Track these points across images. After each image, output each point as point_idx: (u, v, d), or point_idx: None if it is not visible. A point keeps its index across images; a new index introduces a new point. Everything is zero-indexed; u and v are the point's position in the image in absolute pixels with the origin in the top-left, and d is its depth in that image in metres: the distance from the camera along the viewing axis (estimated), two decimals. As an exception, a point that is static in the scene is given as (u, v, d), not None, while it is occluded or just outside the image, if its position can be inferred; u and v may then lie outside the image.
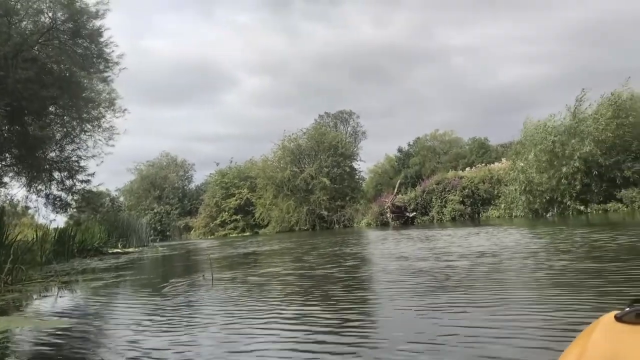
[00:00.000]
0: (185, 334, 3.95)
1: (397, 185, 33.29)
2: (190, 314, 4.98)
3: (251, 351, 3.28)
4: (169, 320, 4.69)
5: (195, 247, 23.64)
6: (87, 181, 21.06)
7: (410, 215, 28.85)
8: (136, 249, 23.34)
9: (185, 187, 61.08)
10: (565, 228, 12.82)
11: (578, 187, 20.36)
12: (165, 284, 7.60)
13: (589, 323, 1.05)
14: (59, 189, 20.84)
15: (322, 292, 5.64)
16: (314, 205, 37.37)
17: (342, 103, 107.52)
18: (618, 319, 0.98)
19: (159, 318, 4.90)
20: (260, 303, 5.26)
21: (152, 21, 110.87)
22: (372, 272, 7.43)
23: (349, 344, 3.23)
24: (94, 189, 22.22)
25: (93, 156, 20.98)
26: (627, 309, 0.99)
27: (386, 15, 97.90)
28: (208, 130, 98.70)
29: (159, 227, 55.34)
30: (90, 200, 22.19)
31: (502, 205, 24.74)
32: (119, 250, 21.28)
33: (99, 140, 21.04)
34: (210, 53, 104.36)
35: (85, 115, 19.95)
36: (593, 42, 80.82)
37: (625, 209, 19.44)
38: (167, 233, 55.88)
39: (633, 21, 67.66)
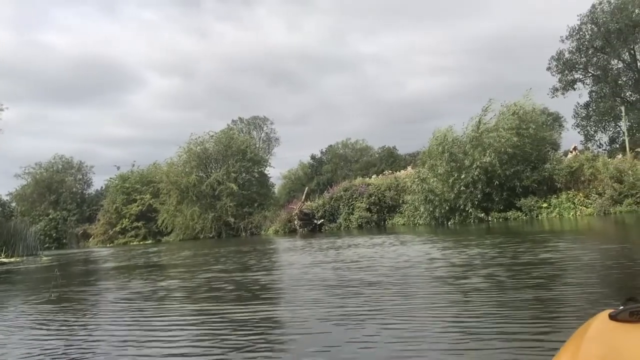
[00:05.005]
0: None
1: (305, 192, 32.75)
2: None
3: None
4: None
5: (85, 257, 21.99)
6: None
7: (318, 223, 28.44)
8: (19, 259, 22.16)
9: (84, 192, 57.29)
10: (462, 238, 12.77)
11: (479, 195, 20.78)
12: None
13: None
14: None
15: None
16: (220, 212, 36.02)
17: (256, 109, 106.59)
18: (612, 317, 1.04)
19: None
20: (101, 329, 4.34)
21: (49, 14, 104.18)
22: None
23: None
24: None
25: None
26: (621, 307, 1.05)
27: (299, 19, 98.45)
28: (111, 132, 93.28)
29: (54, 235, 51.45)
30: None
31: (407, 213, 24.88)
32: (-6, 261, 19.37)
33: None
34: (114, 50, 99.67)
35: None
36: (497, 56, 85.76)
37: (524, 217, 20.05)
38: (64, 241, 52.05)
39: (536, 36, 72.49)
